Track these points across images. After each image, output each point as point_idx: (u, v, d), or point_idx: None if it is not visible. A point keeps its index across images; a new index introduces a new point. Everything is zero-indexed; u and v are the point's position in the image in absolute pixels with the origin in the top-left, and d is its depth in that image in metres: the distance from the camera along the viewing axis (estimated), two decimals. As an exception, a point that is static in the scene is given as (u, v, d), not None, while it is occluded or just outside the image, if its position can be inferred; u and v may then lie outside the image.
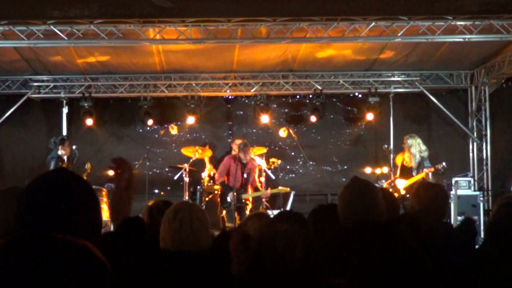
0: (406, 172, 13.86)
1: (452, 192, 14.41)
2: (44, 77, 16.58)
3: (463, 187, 15.07)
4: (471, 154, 17.22)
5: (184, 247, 4.26)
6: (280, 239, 3.47)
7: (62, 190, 2.69)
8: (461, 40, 12.98)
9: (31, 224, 2.63)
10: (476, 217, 13.93)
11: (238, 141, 15.14)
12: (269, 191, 14.59)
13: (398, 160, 14.35)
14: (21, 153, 17.23)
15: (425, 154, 13.83)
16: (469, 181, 15.37)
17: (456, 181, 14.86)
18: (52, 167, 13.78)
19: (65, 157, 14.13)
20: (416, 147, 13.82)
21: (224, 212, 14.37)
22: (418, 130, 17.39)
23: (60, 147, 14.05)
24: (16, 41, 12.82)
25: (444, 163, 13.91)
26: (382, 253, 4.12)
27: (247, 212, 14.00)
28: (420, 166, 13.78)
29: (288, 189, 14.72)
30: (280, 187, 14.60)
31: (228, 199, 14.10)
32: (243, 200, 14.31)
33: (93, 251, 2.63)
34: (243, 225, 5.43)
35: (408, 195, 13.36)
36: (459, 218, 13.82)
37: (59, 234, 2.59)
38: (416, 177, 13.69)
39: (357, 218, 4.39)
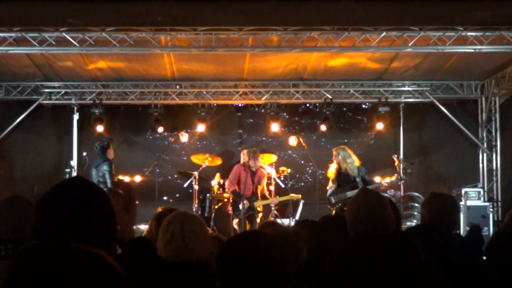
0: (343, 182, 13.70)
1: (462, 203, 14.40)
2: (56, 84, 16.63)
3: (472, 197, 15.07)
4: (481, 165, 17.18)
5: (176, 258, 4.30)
6: (246, 245, 3.49)
7: (78, 199, 2.70)
8: (472, 50, 12.97)
9: (47, 233, 2.65)
10: (485, 228, 13.93)
11: (246, 151, 15.17)
12: (277, 198, 14.58)
13: (331, 173, 14.03)
14: (31, 159, 17.28)
15: (358, 162, 13.77)
16: (479, 192, 15.38)
17: (466, 192, 14.87)
18: (108, 171, 13.52)
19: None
20: (350, 158, 13.72)
21: (236, 220, 14.29)
22: (428, 140, 17.45)
23: (108, 150, 14.00)
24: (28, 47, 12.86)
25: (399, 177, 14.00)
26: (390, 264, 4.14)
27: (258, 220, 14.01)
28: (359, 174, 13.66)
29: (300, 196, 14.65)
30: (291, 194, 14.52)
31: (240, 207, 14.04)
32: (256, 207, 14.28)
33: (108, 260, 2.65)
34: None
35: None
36: (468, 228, 13.78)
37: (75, 243, 2.61)
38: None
39: (365, 229, 4.40)
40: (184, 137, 16.64)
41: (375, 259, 4.18)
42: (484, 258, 6.08)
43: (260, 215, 14.37)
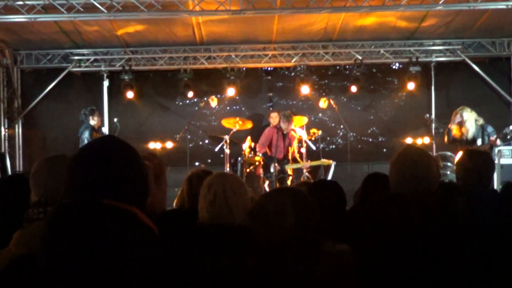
0: (463, 144, 13.37)
1: (496, 161, 14.25)
2: (85, 51, 16.69)
3: (506, 156, 14.89)
4: (514, 123, 17.04)
5: (219, 220, 4.25)
6: (269, 206, 3.46)
7: (111, 157, 2.71)
8: (504, 7, 12.74)
9: (80, 191, 2.64)
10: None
11: (274, 114, 15.16)
12: (309, 162, 14.52)
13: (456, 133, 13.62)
14: (63, 127, 17.35)
15: (481, 121, 13.35)
16: (513, 150, 15.22)
17: (499, 150, 14.70)
18: (87, 135, 14.00)
19: (97, 127, 14.49)
20: (471, 118, 13.27)
21: (267, 182, 14.32)
22: (460, 98, 17.23)
23: (90, 117, 14.30)
24: (57, 14, 12.85)
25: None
26: (427, 225, 4.08)
27: (288, 183, 13.98)
28: (484, 134, 13.30)
29: (331, 161, 14.56)
30: (323, 159, 14.46)
31: (272, 169, 14.03)
32: (287, 171, 14.27)
33: (141, 217, 2.65)
34: None
35: None
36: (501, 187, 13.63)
37: (108, 200, 2.60)
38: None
39: (408, 187, 4.29)
40: (214, 101, 16.62)
41: (412, 216, 4.11)
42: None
43: (291, 178, 14.35)
